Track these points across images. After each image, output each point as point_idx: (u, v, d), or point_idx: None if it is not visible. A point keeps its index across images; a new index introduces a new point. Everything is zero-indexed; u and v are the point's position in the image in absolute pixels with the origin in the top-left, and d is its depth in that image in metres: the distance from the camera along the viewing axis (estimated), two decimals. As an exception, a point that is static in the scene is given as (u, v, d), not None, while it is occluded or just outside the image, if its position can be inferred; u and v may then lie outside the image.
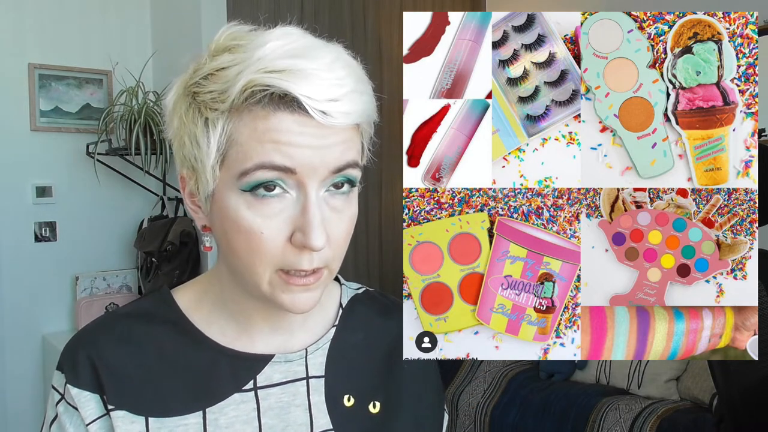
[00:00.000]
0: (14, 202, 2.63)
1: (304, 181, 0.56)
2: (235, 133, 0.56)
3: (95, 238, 2.79)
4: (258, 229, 0.56)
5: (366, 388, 0.69)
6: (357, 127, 0.60)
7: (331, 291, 0.74)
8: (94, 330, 0.66)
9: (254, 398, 0.65)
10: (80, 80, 2.76)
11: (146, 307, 0.68)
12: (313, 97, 0.54)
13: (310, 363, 0.67)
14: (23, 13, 2.64)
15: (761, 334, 0.74)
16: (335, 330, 0.71)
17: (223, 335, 0.66)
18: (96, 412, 0.62)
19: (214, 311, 0.67)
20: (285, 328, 0.68)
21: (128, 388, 0.62)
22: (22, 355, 2.66)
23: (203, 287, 0.69)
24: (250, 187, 0.56)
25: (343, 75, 0.56)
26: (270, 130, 0.55)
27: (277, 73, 0.54)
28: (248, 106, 0.55)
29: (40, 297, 2.69)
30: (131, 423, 0.61)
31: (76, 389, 0.62)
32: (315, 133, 0.55)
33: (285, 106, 0.55)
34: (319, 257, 0.58)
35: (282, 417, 0.65)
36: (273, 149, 0.55)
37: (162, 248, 2.57)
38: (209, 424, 0.63)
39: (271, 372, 0.66)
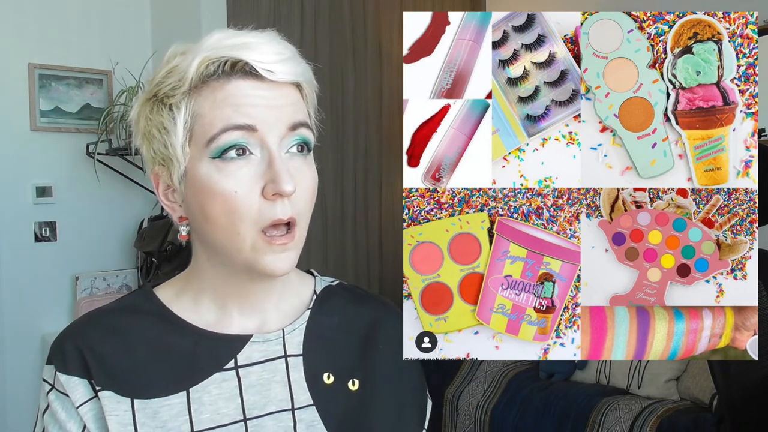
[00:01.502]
0: (14, 202, 2.63)
1: (265, 138, 0.62)
2: (198, 108, 0.63)
3: (95, 238, 2.79)
4: (231, 189, 0.61)
5: (344, 367, 0.71)
6: (300, 90, 0.66)
7: (304, 280, 0.76)
8: (79, 323, 0.70)
9: (236, 376, 0.67)
10: (80, 80, 2.76)
11: (130, 301, 0.72)
12: (261, 60, 0.62)
13: (288, 342, 0.70)
14: (23, 13, 2.64)
15: (761, 334, 0.74)
16: (310, 312, 0.73)
17: (203, 320, 0.69)
18: (85, 395, 0.65)
19: (193, 301, 0.71)
20: (261, 309, 0.71)
21: (113, 372, 0.65)
22: (22, 355, 2.66)
23: (182, 282, 0.73)
24: (219, 152, 0.62)
25: (281, 48, 0.64)
26: (228, 96, 0.62)
27: (226, 48, 0.63)
28: (205, 82, 0.63)
29: (40, 297, 2.69)
30: (117, 402, 0.64)
31: (65, 375, 0.65)
32: (267, 95, 0.63)
33: (238, 74, 0.62)
34: (292, 206, 0.62)
35: (263, 393, 0.68)
36: (233, 112, 0.62)
37: (162, 248, 2.57)
38: (193, 402, 0.66)
39: (250, 351, 0.69)
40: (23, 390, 2.65)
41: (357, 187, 3.02)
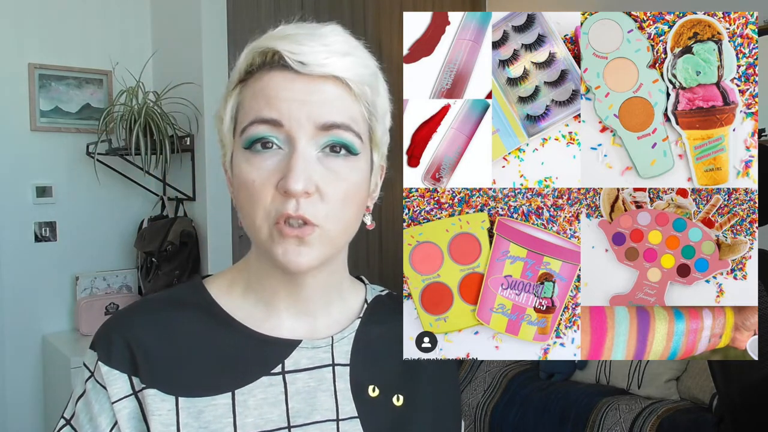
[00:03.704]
0: (14, 202, 2.63)
1: (293, 134, 0.61)
2: (242, 98, 0.64)
3: (95, 238, 2.79)
4: (251, 179, 0.62)
5: (390, 381, 0.70)
6: (346, 86, 0.63)
7: (356, 287, 0.76)
8: (129, 313, 0.68)
9: (282, 381, 0.66)
10: (80, 80, 2.76)
11: (179, 293, 0.70)
12: (295, 52, 0.60)
13: (336, 351, 0.69)
14: (23, 13, 2.64)
15: (761, 334, 0.74)
16: (360, 322, 0.72)
17: (252, 319, 0.68)
18: (123, 392, 0.63)
19: (242, 296, 0.70)
20: (308, 311, 0.70)
21: (160, 368, 0.64)
22: (22, 355, 2.66)
23: (233, 275, 0.72)
24: (249, 143, 0.62)
25: (332, 41, 0.62)
26: (264, 88, 0.62)
27: (271, 39, 0.62)
28: (251, 73, 0.63)
29: (40, 297, 2.69)
30: (162, 401, 0.63)
31: (107, 367, 0.64)
32: (302, 89, 0.61)
33: (276, 66, 0.62)
34: (306, 207, 0.60)
35: (309, 401, 0.66)
36: (264, 105, 0.61)
37: (162, 248, 2.57)
38: (238, 405, 0.64)
39: (298, 357, 0.67)
40: (23, 390, 2.66)
41: (357, 187, 3.02)
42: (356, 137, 0.63)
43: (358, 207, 0.65)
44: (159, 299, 0.69)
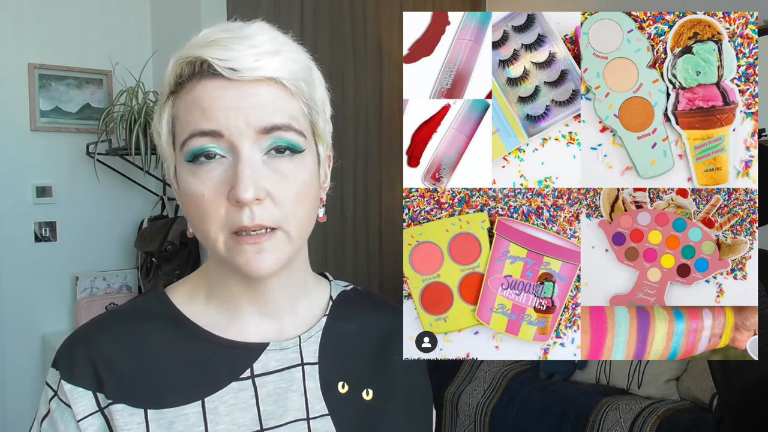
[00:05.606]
0: (14, 202, 2.63)
1: (234, 142, 0.59)
2: (176, 111, 0.62)
3: (95, 238, 2.79)
4: (199, 192, 0.60)
5: (359, 376, 0.70)
6: (281, 86, 0.61)
7: (320, 284, 0.75)
8: (91, 328, 0.67)
9: (252, 386, 0.66)
10: (80, 80, 2.76)
11: (141, 304, 0.69)
12: (223, 58, 0.58)
13: (304, 350, 0.69)
14: (23, 13, 2.64)
15: (761, 334, 0.74)
16: (326, 319, 0.72)
17: (217, 325, 0.68)
18: (88, 409, 0.62)
19: (205, 303, 0.69)
20: (273, 312, 0.69)
21: (126, 382, 0.63)
22: (22, 355, 2.65)
23: (195, 282, 0.71)
24: (191, 156, 0.60)
25: (259, 41, 0.60)
26: (196, 99, 0.60)
27: (196, 47, 0.60)
28: (183, 85, 0.61)
29: (40, 297, 2.69)
30: (130, 416, 0.62)
31: (70, 385, 0.63)
32: (236, 95, 0.59)
33: (206, 75, 0.60)
34: (261, 214, 0.59)
35: (280, 403, 0.66)
36: (200, 116, 0.59)
37: (162, 248, 2.57)
38: (209, 413, 0.64)
39: (267, 360, 0.67)
40: (23, 390, 2.65)
41: (357, 187, 3.02)
42: (299, 135, 0.62)
43: (311, 203, 0.64)
44: (121, 312, 0.68)
